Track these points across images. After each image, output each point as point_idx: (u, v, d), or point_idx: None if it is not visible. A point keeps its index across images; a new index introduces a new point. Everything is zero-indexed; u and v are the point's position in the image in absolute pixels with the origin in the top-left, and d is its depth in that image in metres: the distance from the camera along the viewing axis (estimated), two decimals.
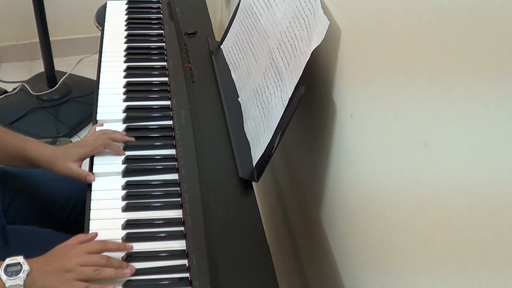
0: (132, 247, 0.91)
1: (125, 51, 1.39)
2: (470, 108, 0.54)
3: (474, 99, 0.54)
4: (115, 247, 0.90)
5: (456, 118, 0.57)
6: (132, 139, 1.13)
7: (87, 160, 1.09)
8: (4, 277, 0.82)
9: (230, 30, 1.31)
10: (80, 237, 0.91)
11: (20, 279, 0.82)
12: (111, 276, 0.86)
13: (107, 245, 0.90)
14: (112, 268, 0.86)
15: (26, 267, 0.83)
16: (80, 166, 1.08)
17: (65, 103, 2.36)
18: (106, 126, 1.16)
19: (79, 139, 2.15)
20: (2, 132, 1.11)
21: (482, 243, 0.54)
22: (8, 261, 0.84)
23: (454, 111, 0.57)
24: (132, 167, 1.06)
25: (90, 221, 0.96)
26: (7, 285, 0.82)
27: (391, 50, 0.72)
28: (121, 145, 1.11)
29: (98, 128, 1.16)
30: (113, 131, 1.14)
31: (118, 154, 1.10)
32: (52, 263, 0.86)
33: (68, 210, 1.25)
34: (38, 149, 1.09)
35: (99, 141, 1.09)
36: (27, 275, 0.83)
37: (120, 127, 1.16)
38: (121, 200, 1.00)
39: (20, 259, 0.84)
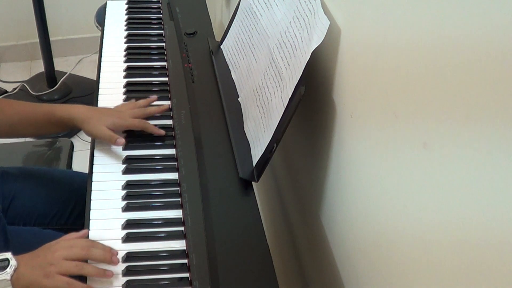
0: (118, 262, 0.88)
1: (125, 51, 1.39)
2: (471, 108, 0.54)
3: (474, 99, 0.54)
4: (100, 256, 0.88)
5: (456, 118, 0.57)
6: (167, 107, 1.16)
7: (87, 159, 1.09)
8: None
9: (230, 30, 1.31)
10: (71, 235, 0.92)
11: (7, 274, 0.83)
12: (93, 274, 0.86)
13: (94, 246, 0.88)
14: (94, 267, 0.86)
15: (13, 262, 0.84)
16: None
17: (65, 103, 2.36)
18: None
19: (79, 139, 2.15)
20: (22, 105, 1.12)
21: (483, 245, 0.54)
22: None
23: (454, 111, 0.57)
24: (132, 166, 1.06)
25: (90, 221, 0.96)
26: None
27: (391, 49, 0.72)
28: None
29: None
30: (147, 106, 1.15)
31: (159, 134, 1.11)
32: (38, 258, 0.87)
33: (69, 210, 1.25)
34: (68, 108, 1.09)
35: (137, 122, 1.10)
36: (14, 270, 0.84)
37: None
38: (121, 200, 1.00)
39: (8, 255, 0.85)
